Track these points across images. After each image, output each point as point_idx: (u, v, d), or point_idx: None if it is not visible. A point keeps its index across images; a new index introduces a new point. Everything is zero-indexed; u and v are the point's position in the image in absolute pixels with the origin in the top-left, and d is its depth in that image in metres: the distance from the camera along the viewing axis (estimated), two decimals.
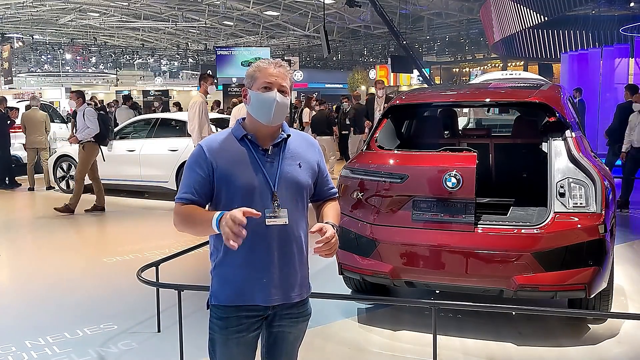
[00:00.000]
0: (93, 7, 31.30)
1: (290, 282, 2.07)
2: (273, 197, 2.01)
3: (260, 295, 2.02)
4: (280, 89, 2.03)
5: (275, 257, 2.02)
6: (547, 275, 3.61)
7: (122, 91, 34.57)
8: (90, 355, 3.75)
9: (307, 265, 2.16)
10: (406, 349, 3.84)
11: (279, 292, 2.04)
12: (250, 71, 2.08)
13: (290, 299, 2.08)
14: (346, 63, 44.44)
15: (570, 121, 4.04)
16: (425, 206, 3.87)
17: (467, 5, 31.17)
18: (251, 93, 2.05)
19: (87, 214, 8.41)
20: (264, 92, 2.02)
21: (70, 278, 5.46)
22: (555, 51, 25.99)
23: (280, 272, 2.03)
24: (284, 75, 2.05)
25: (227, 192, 2.01)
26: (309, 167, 2.12)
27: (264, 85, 2.03)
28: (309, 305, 2.19)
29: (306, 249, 2.14)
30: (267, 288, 2.02)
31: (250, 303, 2.03)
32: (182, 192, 2.04)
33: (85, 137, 8.11)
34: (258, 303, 2.03)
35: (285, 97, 2.05)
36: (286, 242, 2.04)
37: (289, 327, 2.12)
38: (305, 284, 2.16)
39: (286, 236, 2.03)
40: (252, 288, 2.02)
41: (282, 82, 2.04)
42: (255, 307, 2.04)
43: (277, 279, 2.03)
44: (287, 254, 2.05)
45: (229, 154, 2.03)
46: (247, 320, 2.04)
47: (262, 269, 2.01)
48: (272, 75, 2.03)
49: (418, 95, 5.20)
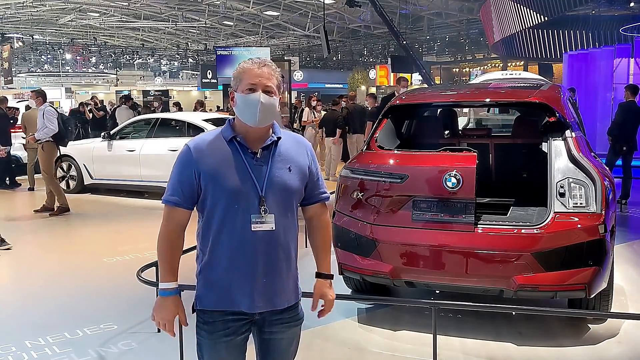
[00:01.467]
0: (93, 7, 31.30)
1: (275, 289, 2.02)
2: (260, 202, 1.96)
3: (245, 301, 1.99)
4: (265, 89, 1.98)
5: (260, 263, 1.98)
6: (547, 275, 3.61)
7: (122, 91, 34.57)
8: (90, 355, 3.75)
9: (295, 271, 2.11)
10: (406, 349, 3.84)
11: (263, 299, 2.00)
12: (235, 73, 2.04)
13: (276, 306, 2.03)
14: (346, 63, 44.44)
15: (570, 121, 4.04)
16: (425, 206, 3.87)
17: (467, 5, 31.17)
18: (237, 95, 2.01)
19: (88, 214, 8.42)
20: (248, 94, 1.98)
21: (70, 278, 5.46)
22: (555, 51, 26.00)
23: (265, 279, 1.99)
24: (269, 75, 2.00)
25: (213, 195, 1.97)
26: (299, 171, 2.06)
27: (248, 87, 1.98)
28: (300, 309, 2.14)
29: (295, 254, 2.10)
30: (251, 294, 1.98)
31: (234, 309, 2.00)
32: (169, 193, 2.02)
33: (43, 136, 8.01)
34: (242, 309, 2.00)
35: (271, 97, 1.99)
36: (272, 248, 1.99)
37: (281, 333, 2.08)
38: (294, 290, 2.11)
39: (273, 242, 1.99)
40: (236, 293, 1.98)
41: (266, 82, 1.99)
42: (240, 312, 2.01)
43: (261, 286, 1.99)
44: (273, 261, 2.00)
45: (216, 155, 1.98)
46: (234, 324, 2.01)
47: (247, 274, 1.97)
48: (257, 75, 1.98)
49: (418, 95, 5.20)
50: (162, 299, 2.06)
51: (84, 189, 10.14)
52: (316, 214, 2.21)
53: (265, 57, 2.14)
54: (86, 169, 10.02)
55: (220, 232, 1.98)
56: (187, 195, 2.00)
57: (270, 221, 1.97)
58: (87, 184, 10.11)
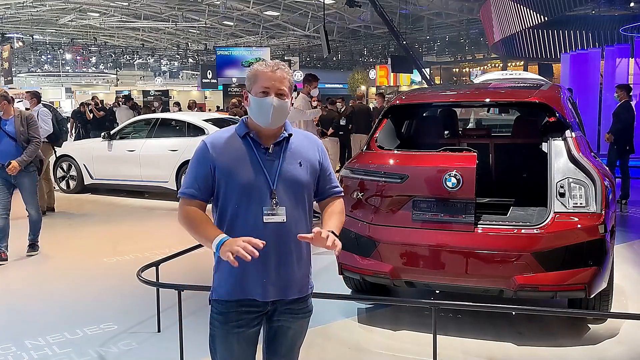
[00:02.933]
0: (93, 7, 31.32)
1: (287, 279, 2.10)
2: (272, 195, 2.04)
3: (258, 291, 2.06)
4: (278, 93, 2.05)
5: (272, 254, 2.04)
6: (547, 275, 3.61)
7: (122, 91, 34.57)
8: (90, 355, 3.74)
9: (307, 263, 2.18)
10: (406, 349, 3.84)
11: (275, 289, 2.08)
12: (249, 74, 2.12)
13: (287, 296, 2.11)
14: (346, 63, 44.44)
15: (570, 121, 4.04)
16: (425, 206, 3.87)
17: (467, 5, 31.20)
18: (250, 97, 2.09)
19: (88, 214, 8.40)
20: (262, 97, 2.05)
21: (70, 278, 5.46)
22: (555, 51, 26.00)
23: (277, 270, 2.07)
24: (282, 78, 2.07)
25: (227, 188, 2.06)
26: (309, 165, 2.14)
27: (261, 90, 2.06)
28: (310, 302, 2.22)
29: (307, 247, 2.15)
30: (264, 285, 2.06)
31: (248, 297, 2.06)
32: (186, 187, 2.10)
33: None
34: (255, 298, 2.06)
35: (284, 100, 2.07)
36: (284, 239, 2.06)
37: (289, 322, 2.15)
38: (306, 282, 2.18)
39: (284, 234, 2.06)
40: (249, 283, 2.06)
41: (279, 85, 2.06)
42: (254, 302, 2.07)
43: (273, 276, 2.06)
44: (284, 252, 2.07)
45: (231, 151, 2.07)
46: (247, 316, 2.07)
47: (259, 264, 2.02)
48: (270, 79, 2.06)
49: (418, 95, 5.21)
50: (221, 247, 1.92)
51: (84, 189, 10.13)
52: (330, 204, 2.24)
53: (266, 58, 2.15)
54: (86, 169, 10.02)
55: (233, 224, 2.06)
56: (202, 189, 2.08)
57: (282, 213, 2.04)
58: (87, 184, 10.10)
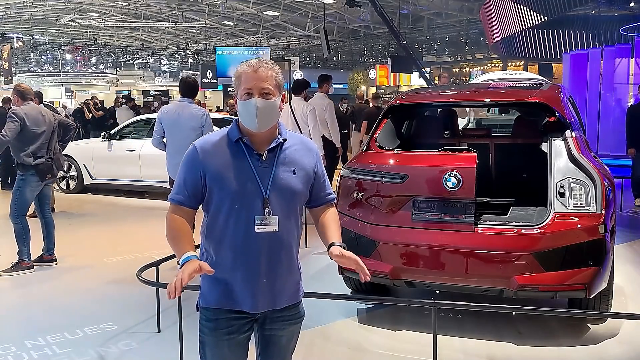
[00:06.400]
0: (93, 7, 31.28)
1: (277, 289, 2.04)
2: (264, 204, 1.97)
3: (248, 302, 2.00)
4: (262, 92, 1.95)
5: (263, 264, 1.99)
6: (547, 275, 3.61)
7: (122, 91, 34.57)
8: (90, 355, 3.74)
9: (297, 272, 2.13)
10: (406, 349, 3.84)
11: (265, 299, 2.02)
12: (234, 77, 2.02)
13: (277, 306, 2.06)
14: (346, 63, 44.39)
15: (570, 121, 4.04)
16: (425, 206, 3.87)
17: (467, 5, 31.17)
18: (237, 101, 2.01)
19: (88, 214, 8.40)
20: (246, 100, 1.96)
21: (70, 278, 5.46)
22: (555, 51, 25.98)
23: (267, 280, 2.01)
24: (266, 77, 1.96)
25: (218, 195, 1.98)
26: (304, 173, 2.07)
27: (244, 92, 1.97)
28: (301, 307, 2.17)
29: (296, 256, 2.11)
30: (254, 295, 2.00)
31: (237, 308, 2.01)
32: (175, 192, 2.04)
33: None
34: (245, 309, 2.01)
35: (270, 100, 1.96)
36: (275, 249, 2.01)
37: (281, 330, 2.10)
38: (296, 290, 2.13)
39: (276, 243, 2.00)
40: (240, 293, 2.00)
41: (262, 84, 1.95)
42: (243, 312, 2.02)
43: (264, 286, 2.00)
44: (275, 262, 2.02)
45: (222, 156, 1.99)
46: (236, 322, 2.02)
47: (250, 274, 1.99)
48: (252, 79, 1.96)
49: (418, 95, 5.20)
50: (183, 265, 1.90)
51: (84, 189, 10.15)
52: (323, 211, 2.22)
53: (265, 57, 2.12)
54: (86, 169, 10.03)
55: (224, 232, 1.99)
56: (191, 195, 2.01)
57: (274, 223, 1.98)
58: (87, 184, 10.12)
